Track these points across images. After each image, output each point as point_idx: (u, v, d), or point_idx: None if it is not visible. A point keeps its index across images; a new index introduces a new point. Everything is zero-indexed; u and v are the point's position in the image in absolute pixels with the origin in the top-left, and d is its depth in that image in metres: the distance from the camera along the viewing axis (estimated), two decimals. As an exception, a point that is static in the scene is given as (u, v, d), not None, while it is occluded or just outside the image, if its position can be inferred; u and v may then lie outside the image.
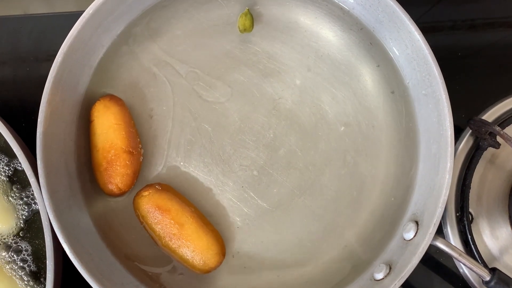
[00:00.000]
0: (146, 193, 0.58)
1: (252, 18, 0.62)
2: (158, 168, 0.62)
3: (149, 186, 0.59)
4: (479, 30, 0.73)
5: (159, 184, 0.59)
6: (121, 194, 0.59)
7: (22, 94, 0.67)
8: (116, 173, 0.57)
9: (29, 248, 0.58)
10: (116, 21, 0.61)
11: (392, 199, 0.62)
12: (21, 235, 0.58)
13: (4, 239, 0.58)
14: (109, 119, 0.58)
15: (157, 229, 0.57)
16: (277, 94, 0.63)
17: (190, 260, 0.57)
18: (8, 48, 0.69)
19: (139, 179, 0.61)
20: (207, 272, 0.58)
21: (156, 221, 0.57)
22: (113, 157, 0.57)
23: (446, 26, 0.72)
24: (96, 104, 0.59)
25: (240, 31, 0.63)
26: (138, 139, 0.60)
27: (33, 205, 0.59)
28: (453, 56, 0.71)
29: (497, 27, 0.73)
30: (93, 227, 0.59)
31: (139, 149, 0.60)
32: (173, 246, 0.57)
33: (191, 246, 0.56)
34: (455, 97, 0.57)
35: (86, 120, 0.60)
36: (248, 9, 0.62)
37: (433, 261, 0.66)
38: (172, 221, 0.57)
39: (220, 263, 0.58)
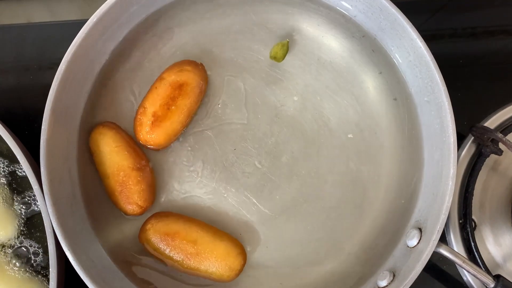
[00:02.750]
0: (149, 225, 0.57)
1: (287, 51, 0.62)
2: (163, 176, 0.62)
3: (150, 218, 0.58)
4: (479, 38, 0.73)
5: (158, 213, 0.59)
6: (144, 210, 0.59)
7: (26, 102, 0.68)
8: (132, 192, 0.57)
9: (31, 253, 0.58)
10: (120, 29, 0.61)
11: (395, 206, 0.62)
12: (22, 240, 0.58)
13: (5, 243, 0.58)
14: (108, 144, 0.58)
15: (173, 255, 0.56)
16: (280, 102, 0.63)
17: (216, 271, 0.56)
18: (12, 56, 0.69)
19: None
20: (235, 277, 0.57)
21: (170, 248, 0.56)
22: (124, 179, 0.57)
23: (447, 34, 0.73)
24: (91, 136, 0.59)
25: (270, 57, 0.63)
26: (143, 154, 0.60)
27: (34, 206, 0.59)
28: (454, 64, 0.71)
29: (498, 35, 0.73)
30: (95, 235, 0.59)
31: (146, 162, 0.60)
32: (195, 264, 0.56)
33: (212, 257, 0.56)
34: (457, 104, 0.57)
35: (89, 127, 0.60)
36: (288, 41, 0.62)
37: (437, 269, 0.66)
38: (184, 241, 0.56)
39: (244, 262, 0.58)
